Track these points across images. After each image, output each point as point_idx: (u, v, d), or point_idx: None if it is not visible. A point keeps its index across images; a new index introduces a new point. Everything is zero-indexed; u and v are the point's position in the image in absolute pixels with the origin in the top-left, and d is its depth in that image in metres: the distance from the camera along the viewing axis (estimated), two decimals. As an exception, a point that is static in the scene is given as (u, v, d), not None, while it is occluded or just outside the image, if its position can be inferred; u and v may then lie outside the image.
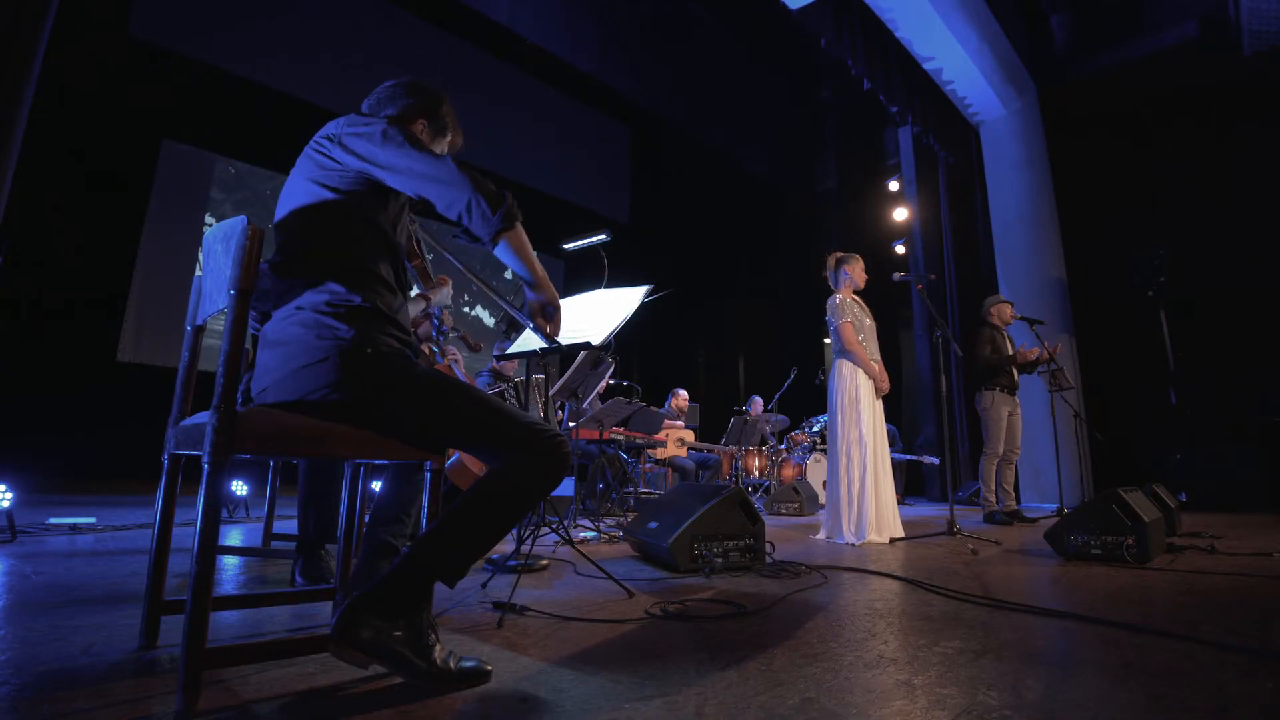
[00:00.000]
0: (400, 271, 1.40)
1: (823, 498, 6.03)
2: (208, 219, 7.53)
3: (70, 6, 4.46)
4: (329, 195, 1.30)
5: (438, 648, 1.17)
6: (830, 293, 4.06)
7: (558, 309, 1.39)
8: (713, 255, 11.75)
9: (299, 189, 1.33)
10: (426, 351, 3.11)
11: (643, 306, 2.21)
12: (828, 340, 3.83)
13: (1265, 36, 6.92)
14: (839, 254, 4.12)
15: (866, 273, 4.09)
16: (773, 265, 12.70)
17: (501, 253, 1.28)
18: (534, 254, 1.33)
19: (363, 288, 1.27)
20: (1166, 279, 7.00)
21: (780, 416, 7.27)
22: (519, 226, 1.28)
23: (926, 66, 7.76)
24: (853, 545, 3.47)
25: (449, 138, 1.57)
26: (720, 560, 2.53)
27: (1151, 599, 2.05)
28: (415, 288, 2.00)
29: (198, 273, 1.43)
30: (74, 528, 3.31)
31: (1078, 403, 6.96)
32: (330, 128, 1.34)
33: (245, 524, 4.03)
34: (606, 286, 2.46)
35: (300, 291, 1.26)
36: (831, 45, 6.70)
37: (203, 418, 1.20)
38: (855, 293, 4.06)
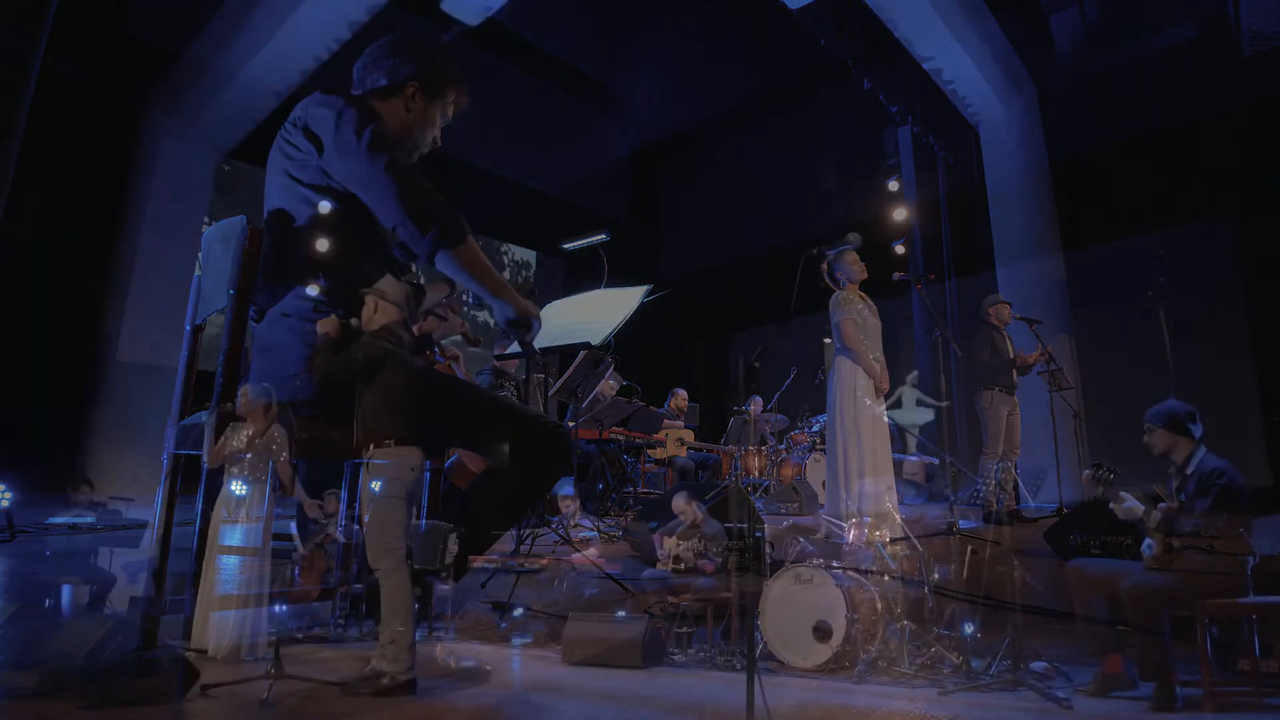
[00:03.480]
0: (391, 259, 1.36)
1: (822, 497, 6.03)
2: (207, 219, 7.52)
3: (70, 6, 4.45)
4: (302, 191, 1.25)
5: (438, 647, 1.17)
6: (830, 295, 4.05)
7: (529, 317, 1.27)
8: (712, 255, 11.72)
9: (274, 186, 1.29)
10: (427, 352, 3.10)
11: (642, 306, 2.21)
12: (828, 339, 3.81)
13: (1265, 37, 6.92)
14: (826, 258, 4.11)
15: (866, 272, 4.08)
16: (772, 265, 12.66)
17: (444, 267, 1.19)
18: (489, 268, 1.23)
19: (344, 300, 1.25)
20: (1166, 279, 6.99)
21: (780, 416, 7.27)
22: (466, 244, 1.18)
23: (926, 66, 7.75)
24: (852, 544, 3.47)
25: (449, 97, 1.45)
26: (720, 560, 2.53)
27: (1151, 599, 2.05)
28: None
29: (198, 273, 1.43)
30: (74, 528, 3.31)
31: (1078, 403, 6.94)
32: (297, 109, 1.28)
33: (245, 524, 4.02)
34: (606, 286, 2.46)
35: (284, 296, 1.25)
36: (831, 45, 6.69)
37: (202, 417, 1.20)
38: (864, 291, 4.05)
